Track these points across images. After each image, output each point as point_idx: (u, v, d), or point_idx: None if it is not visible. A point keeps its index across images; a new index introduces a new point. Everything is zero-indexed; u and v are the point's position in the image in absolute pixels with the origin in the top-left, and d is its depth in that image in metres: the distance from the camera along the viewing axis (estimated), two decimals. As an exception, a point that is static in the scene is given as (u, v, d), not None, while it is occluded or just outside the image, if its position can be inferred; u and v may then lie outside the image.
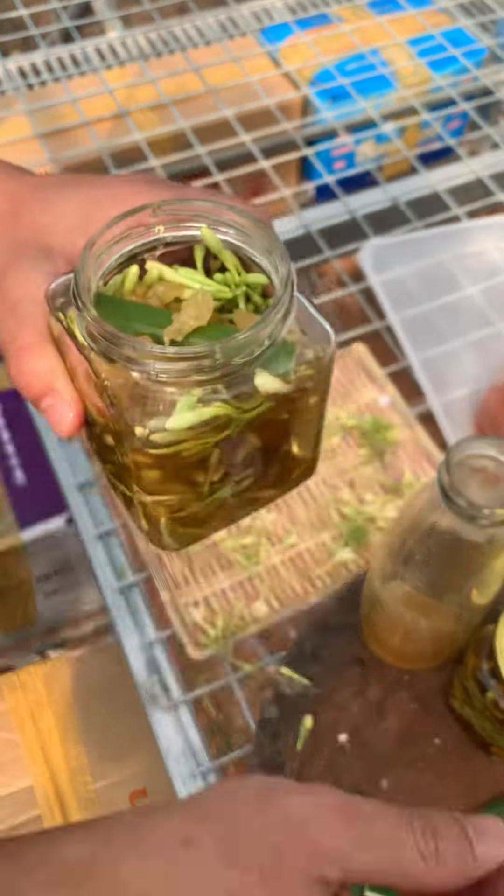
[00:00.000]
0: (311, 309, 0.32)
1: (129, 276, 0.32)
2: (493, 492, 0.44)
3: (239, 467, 0.33)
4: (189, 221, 0.32)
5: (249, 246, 0.32)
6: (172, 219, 0.32)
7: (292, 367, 0.30)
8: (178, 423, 0.28)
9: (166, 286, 0.31)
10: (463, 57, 1.05)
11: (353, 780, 0.53)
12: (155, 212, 0.31)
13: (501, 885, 0.30)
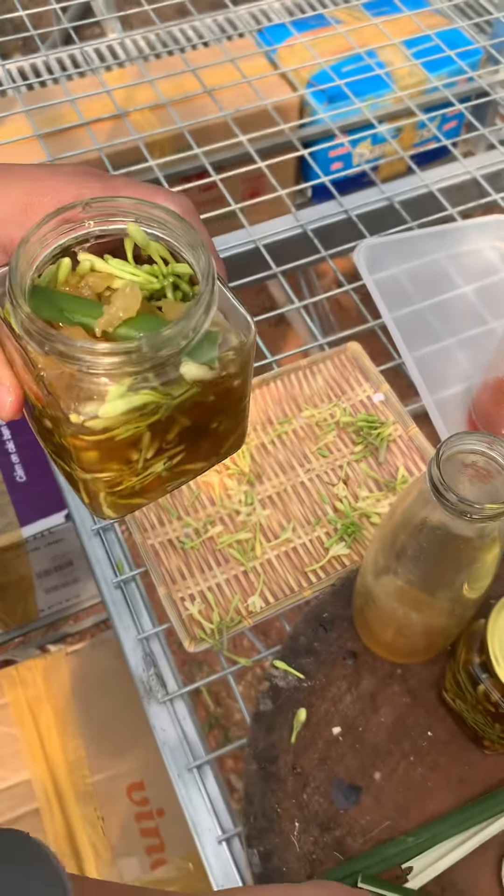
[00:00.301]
0: (232, 298, 0.34)
1: (62, 268, 0.33)
2: (483, 487, 0.44)
3: (171, 444, 0.35)
4: (117, 217, 0.34)
5: (174, 240, 0.34)
6: (102, 214, 0.34)
7: (216, 355, 0.33)
8: (110, 410, 0.31)
9: (97, 276, 0.33)
10: (459, 58, 1.06)
11: (347, 772, 0.54)
12: (84, 209, 0.33)
13: None
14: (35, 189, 0.35)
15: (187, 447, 0.37)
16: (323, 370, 0.73)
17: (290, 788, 0.53)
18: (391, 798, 0.53)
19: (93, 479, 0.35)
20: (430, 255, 0.81)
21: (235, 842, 0.55)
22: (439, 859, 0.51)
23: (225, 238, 0.85)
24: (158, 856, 0.70)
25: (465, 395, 0.71)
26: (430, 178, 0.89)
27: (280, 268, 0.82)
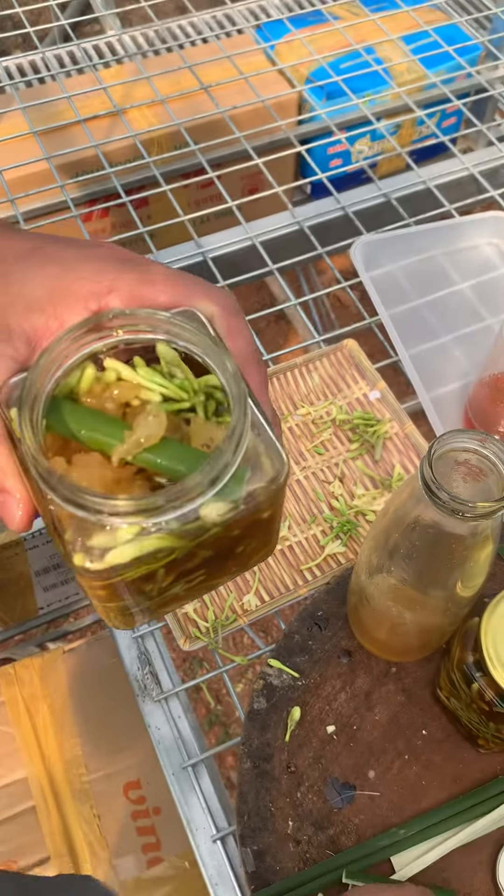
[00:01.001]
0: (264, 423, 0.31)
1: (85, 379, 0.31)
2: (475, 485, 0.44)
3: (189, 572, 0.32)
4: (147, 332, 0.31)
5: (208, 357, 0.31)
6: (130, 325, 0.31)
7: (242, 494, 0.29)
8: (119, 557, 0.28)
9: (124, 387, 0.30)
10: (457, 54, 1.06)
11: (341, 771, 0.54)
12: (112, 319, 0.31)
13: None
14: (65, 275, 0.32)
15: (209, 570, 0.34)
16: (319, 368, 0.73)
17: (284, 787, 0.53)
18: (385, 797, 0.53)
19: (102, 605, 0.32)
20: (427, 252, 0.80)
21: (230, 840, 0.55)
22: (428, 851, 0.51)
23: (222, 235, 0.84)
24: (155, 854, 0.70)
25: (462, 393, 0.71)
26: (427, 174, 0.89)
27: (277, 265, 0.81)
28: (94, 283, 0.32)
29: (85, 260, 0.32)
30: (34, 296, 0.32)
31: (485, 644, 0.48)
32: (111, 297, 0.32)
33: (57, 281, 0.32)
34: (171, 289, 0.32)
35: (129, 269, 0.32)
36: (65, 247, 0.33)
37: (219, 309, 0.33)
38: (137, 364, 0.31)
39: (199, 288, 0.33)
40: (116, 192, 0.89)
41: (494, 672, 0.47)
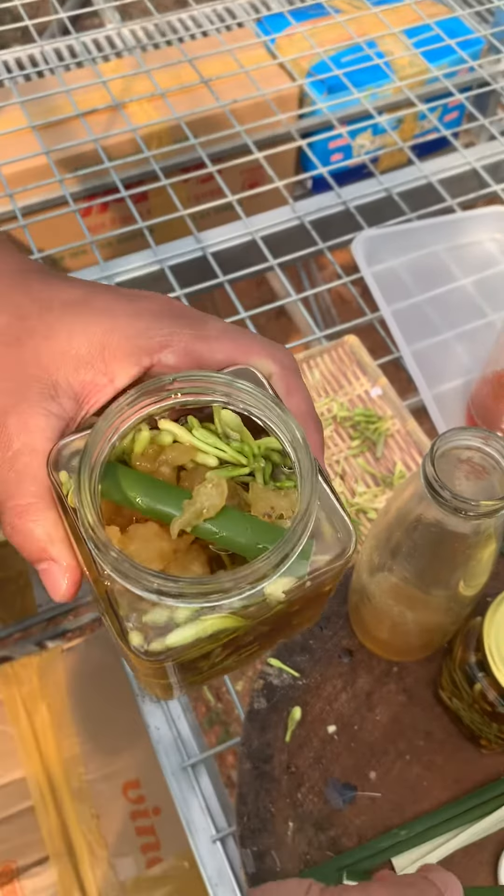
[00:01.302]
0: (331, 495, 0.29)
1: (140, 442, 0.29)
2: (478, 483, 0.44)
3: (244, 646, 0.31)
4: (205, 394, 0.30)
5: (270, 421, 0.29)
6: (188, 387, 0.29)
7: (308, 570, 0.28)
8: (180, 639, 0.26)
9: (178, 449, 0.29)
10: (460, 48, 1.05)
11: (342, 771, 0.53)
12: (173, 383, 0.29)
13: None
14: (116, 329, 0.30)
15: (262, 642, 0.33)
16: (320, 364, 0.72)
17: (284, 788, 0.52)
18: (387, 797, 0.53)
19: (148, 681, 0.31)
20: (429, 248, 0.80)
21: (230, 841, 0.55)
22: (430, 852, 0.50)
23: (222, 230, 0.84)
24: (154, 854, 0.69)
25: (464, 390, 0.71)
26: (429, 169, 0.88)
27: (277, 260, 0.81)
28: (146, 339, 0.30)
29: (137, 315, 0.31)
30: (83, 351, 0.30)
31: (487, 644, 0.47)
32: (164, 354, 0.30)
33: (107, 336, 0.30)
34: (227, 346, 0.31)
35: (184, 325, 0.31)
36: (115, 298, 0.31)
37: (278, 367, 0.32)
38: (192, 425, 0.30)
39: (257, 345, 0.32)
40: (116, 187, 0.88)
41: (497, 672, 0.46)
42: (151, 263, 0.80)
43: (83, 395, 0.30)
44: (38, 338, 0.30)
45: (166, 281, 0.80)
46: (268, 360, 0.31)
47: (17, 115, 0.97)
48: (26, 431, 0.29)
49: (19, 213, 0.85)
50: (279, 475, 0.30)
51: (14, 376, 0.30)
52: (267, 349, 0.32)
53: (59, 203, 0.90)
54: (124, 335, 0.30)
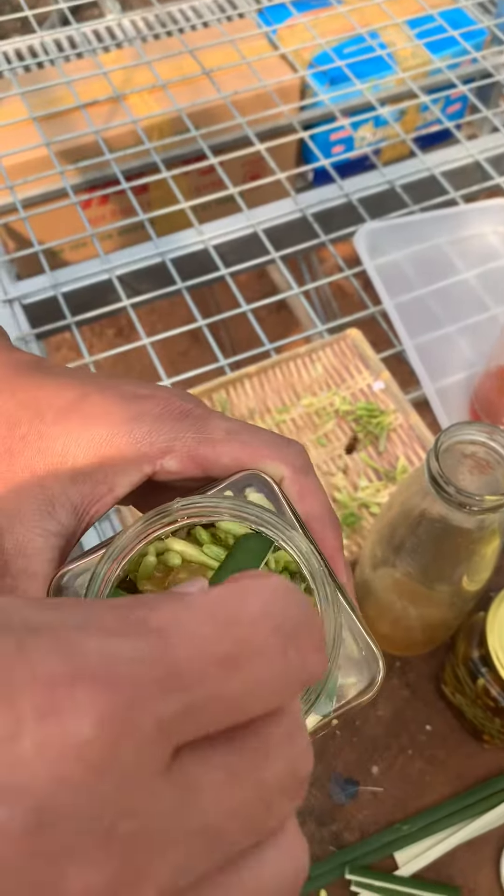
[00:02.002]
0: (357, 622, 0.28)
1: (145, 566, 0.28)
2: (482, 478, 0.43)
3: None
4: (212, 516, 0.28)
5: (283, 542, 0.28)
6: (194, 512, 0.28)
7: (333, 707, 0.26)
8: None
9: (189, 569, 0.28)
10: (462, 39, 1.04)
11: (344, 766, 0.53)
12: (178, 511, 0.28)
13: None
14: (115, 438, 0.28)
15: None
16: (322, 358, 0.72)
17: (286, 783, 0.52)
18: (389, 792, 0.52)
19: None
20: (431, 240, 0.79)
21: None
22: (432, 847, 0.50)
23: (223, 222, 0.83)
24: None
25: (467, 384, 0.70)
26: (432, 161, 0.88)
27: (279, 252, 0.80)
28: (147, 446, 0.28)
29: (137, 419, 0.29)
30: (80, 462, 0.28)
31: (490, 639, 0.47)
32: (167, 460, 0.29)
33: (106, 445, 0.28)
34: (235, 449, 0.29)
35: (188, 428, 0.29)
36: (112, 401, 0.29)
37: (289, 470, 0.30)
38: (202, 540, 0.28)
39: (265, 446, 0.30)
40: (116, 179, 0.88)
41: (500, 668, 0.46)
42: (152, 256, 0.80)
43: (82, 507, 0.29)
44: (32, 450, 0.29)
45: (167, 273, 0.79)
46: (278, 463, 0.30)
47: (18, 107, 0.96)
48: (23, 556, 0.28)
49: (20, 205, 0.84)
50: (299, 581, 0.29)
51: (7, 490, 0.29)
52: (276, 451, 0.30)
53: (60, 195, 0.89)
54: (124, 443, 0.29)
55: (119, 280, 0.78)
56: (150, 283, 0.80)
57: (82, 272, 0.78)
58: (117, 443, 0.28)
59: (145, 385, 0.31)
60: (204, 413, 0.30)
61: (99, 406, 0.29)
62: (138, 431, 0.29)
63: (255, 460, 0.29)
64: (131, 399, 0.30)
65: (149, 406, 0.29)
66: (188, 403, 0.30)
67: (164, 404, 0.30)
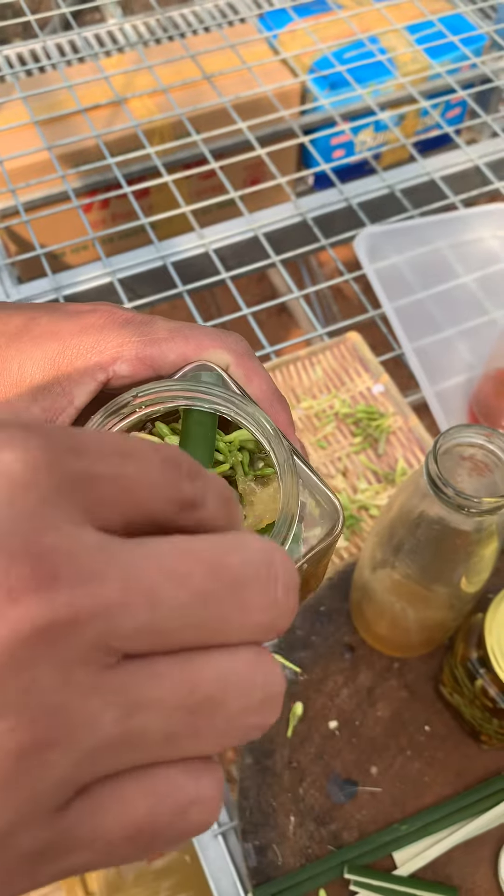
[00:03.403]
0: (313, 476, 0.30)
1: None
2: (480, 480, 0.44)
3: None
4: (167, 402, 0.30)
5: (239, 417, 0.29)
6: (149, 400, 0.30)
7: (302, 553, 0.28)
8: None
9: None
10: (462, 44, 1.05)
11: (343, 766, 0.53)
12: (135, 399, 0.29)
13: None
14: (66, 350, 0.30)
15: None
16: (322, 361, 0.72)
17: (285, 783, 0.53)
18: (388, 792, 0.53)
19: None
20: (431, 244, 0.80)
21: (231, 835, 0.55)
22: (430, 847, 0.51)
23: (224, 226, 0.84)
24: (155, 848, 0.69)
25: (466, 387, 0.71)
26: (431, 165, 0.88)
27: (279, 256, 0.81)
28: (97, 354, 0.30)
29: (82, 332, 0.31)
30: (37, 378, 0.30)
31: (489, 640, 0.47)
32: (118, 365, 0.31)
33: (58, 358, 0.30)
34: (179, 345, 0.31)
35: (132, 332, 0.31)
36: (59, 318, 0.31)
37: (233, 356, 0.32)
38: (162, 432, 0.30)
39: (208, 338, 0.32)
40: (117, 183, 0.88)
41: (498, 669, 0.47)
42: (153, 259, 0.80)
43: (47, 420, 0.30)
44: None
45: (168, 277, 0.80)
46: (221, 351, 0.31)
47: (20, 111, 0.97)
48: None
49: (21, 208, 0.85)
50: (257, 461, 0.31)
51: None
52: (218, 340, 0.32)
53: (61, 198, 0.90)
54: (75, 356, 0.30)
55: (120, 283, 0.79)
56: (151, 287, 0.80)
57: (83, 275, 0.79)
58: (69, 355, 0.30)
59: (89, 303, 0.33)
60: (146, 318, 0.32)
61: (47, 326, 0.31)
62: (87, 342, 0.31)
63: (199, 352, 0.31)
64: (75, 315, 0.32)
65: (93, 319, 0.31)
66: (130, 312, 0.32)
67: (107, 315, 0.32)
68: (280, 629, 0.19)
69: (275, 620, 0.19)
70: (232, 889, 0.53)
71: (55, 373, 0.30)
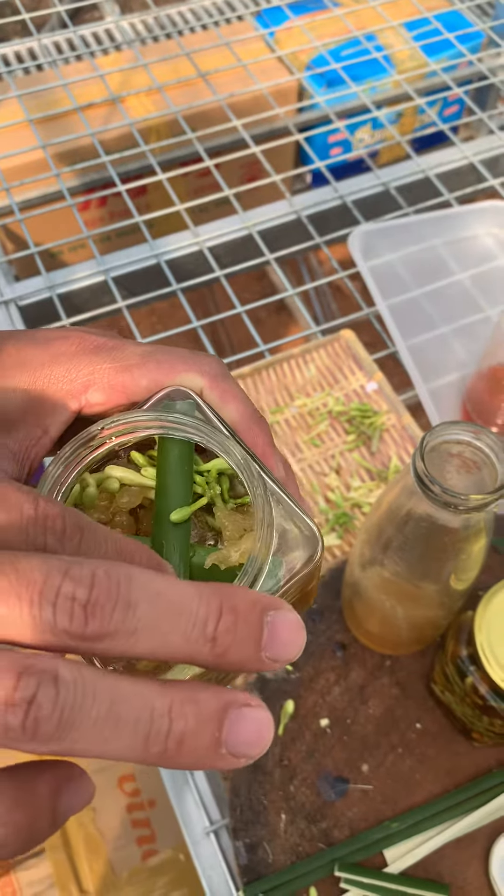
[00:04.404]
0: (287, 499, 0.29)
1: (88, 497, 0.29)
2: (469, 477, 0.44)
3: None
4: (139, 431, 0.29)
5: (212, 445, 0.29)
6: (121, 430, 0.29)
7: (281, 584, 0.28)
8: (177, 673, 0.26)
9: (130, 493, 0.29)
10: (459, 41, 1.04)
11: (334, 764, 0.53)
12: (102, 431, 0.29)
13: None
14: (36, 381, 0.30)
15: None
16: (316, 359, 0.72)
17: (276, 780, 0.53)
18: (379, 790, 0.53)
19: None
20: (426, 242, 0.80)
21: (223, 832, 0.55)
22: (421, 844, 0.51)
23: (218, 224, 0.84)
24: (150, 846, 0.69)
25: (460, 384, 0.71)
26: (426, 163, 0.88)
27: (274, 254, 0.81)
28: (68, 383, 0.30)
29: (53, 361, 0.30)
30: (9, 411, 0.29)
31: (478, 638, 0.47)
32: (90, 393, 0.30)
33: (29, 389, 0.30)
34: (151, 370, 0.30)
35: (103, 359, 0.30)
36: (26, 347, 0.31)
37: (207, 379, 0.31)
38: (139, 462, 0.29)
39: (180, 361, 0.31)
40: (113, 181, 0.88)
41: (488, 666, 0.46)
42: (148, 258, 0.80)
43: (21, 453, 0.30)
44: None
45: (162, 275, 0.80)
46: (194, 374, 0.31)
47: (15, 109, 0.97)
48: None
49: (16, 207, 0.85)
50: (237, 485, 0.30)
51: None
52: (190, 363, 0.31)
53: (57, 197, 0.90)
54: (45, 386, 0.30)
55: (114, 282, 0.79)
56: (145, 285, 0.80)
57: (78, 274, 0.79)
58: (40, 386, 0.30)
59: (59, 329, 0.32)
60: (118, 343, 0.31)
61: (14, 357, 0.30)
62: (57, 372, 0.30)
63: (171, 376, 0.30)
64: (45, 343, 0.31)
65: (64, 346, 0.31)
66: (101, 337, 0.31)
67: (77, 342, 0.31)
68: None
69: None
70: (224, 887, 0.53)
71: (25, 405, 0.30)
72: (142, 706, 0.20)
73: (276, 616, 0.22)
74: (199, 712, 0.20)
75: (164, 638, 0.20)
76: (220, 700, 0.21)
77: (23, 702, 0.18)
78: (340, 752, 0.54)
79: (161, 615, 0.20)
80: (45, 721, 0.18)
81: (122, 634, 0.20)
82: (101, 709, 0.19)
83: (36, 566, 0.19)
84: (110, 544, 0.23)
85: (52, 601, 0.19)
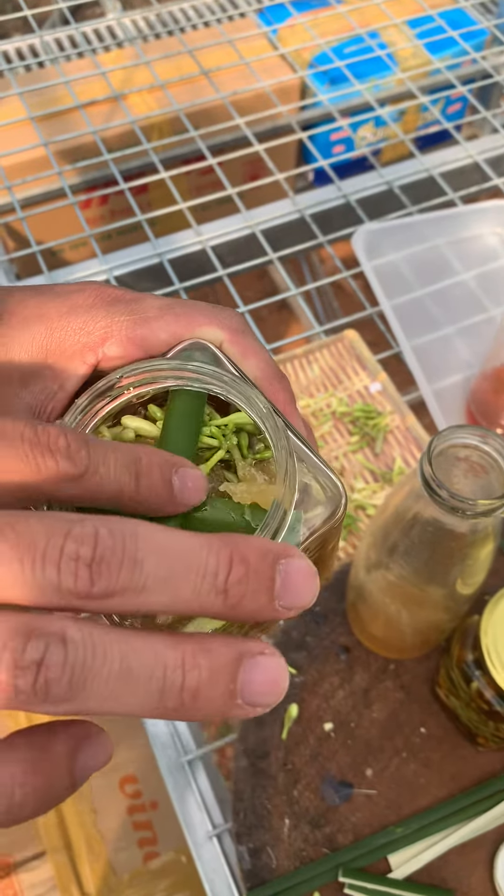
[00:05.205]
0: (310, 454, 0.28)
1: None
2: (476, 481, 0.43)
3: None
4: (156, 382, 0.28)
5: (232, 397, 0.28)
6: (139, 380, 0.28)
7: (301, 539, 0.27)
8: (196, 626, 0.26)
9: (147, 443, 0.28)
10: (463, 39, 1.04)
11: (338, 768, 0.53)
12: (121, 380, 0.28)
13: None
14: (53, 333, 0.29)
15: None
16: (319, 359, 0.72)
17: (280, 785, 0.52)
18: (383, 795, 0.52)
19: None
20: (429, 241, 0.79)
21: (226, 836, 0.55)
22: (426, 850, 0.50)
23: (221, 223, 0.83)
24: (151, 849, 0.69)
25: (464, 385, 0.70)
26: (430, 162, 0.88)
27: (277, 253, 0.80)
28: (86, 335, 0.29)
29: (70, 313, 0.30)
30: (25, 363, 0.29)
31: (484, 642, 0.47)
32: (108, 347, 0.29)
33: (46, 342, 0.29)
34: (170, 323, 0.30)
35: (121, 311, 0.30)
36: (44, 301, 0.30)
37: (227, 333, 0.30)
38: (155, 416, 0.29)
39: (200, 314, 0.30)
40: (115, 179, 0.88)
41: (494, 671, 0.46)
42: (150, 256, 0.80)
43: (37, 407, 0.29)
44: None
45: (165, 274, 0.79)
46: (214, 328, 0.30)
47: (17, 106, 0.96)
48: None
49: (18, 205, 0.84)
50: (256, 443, 0.29)
51: None
52: (211, 316, 0.30)
53: (58, 195, 0.89)
54: (63, 338, 0.29)
55: (117, 280, 0.78)
56: (147, 284, 0.80)
57: (79, 273, 0.79)
58: (57, 338, 0.29)
59: (77, 283, 0.31)
60: (136, 296, 0.30)
61: (33, 308, 0.30)
62: (75, 323, 0.29)
63: (191, 329, 0.30)
64: (62, 294, 0.30)
65: (81, 298, 0.30)
66: (119, 290, 0.30)
67: (95, 294, 0.30)
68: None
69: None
70: (227, 891, 0.53)
71: (42, 357, 0.29)
72: (154, 661, 0.19)
73: (288, 564, 0.21)
74: (213, 663, 0.20)
75: (175, 593, 0.20)
76: (234, 650, 0.21)
77: (32, 664, 0.18)
78: (344, 756, 0.53)
79: (169, 570, 0.20)
80: (55, 682, 0.18)
81: (131, 592, 0.19)
82: (113, 667, 0.19)
83: (36, 527, 0.19)
84: (121, 452, 0.23)
85: (55, 562, 0.19)
